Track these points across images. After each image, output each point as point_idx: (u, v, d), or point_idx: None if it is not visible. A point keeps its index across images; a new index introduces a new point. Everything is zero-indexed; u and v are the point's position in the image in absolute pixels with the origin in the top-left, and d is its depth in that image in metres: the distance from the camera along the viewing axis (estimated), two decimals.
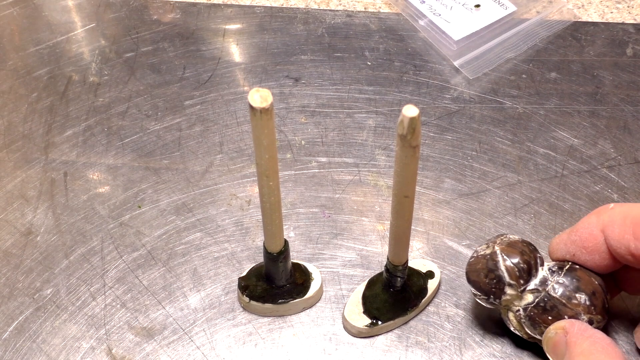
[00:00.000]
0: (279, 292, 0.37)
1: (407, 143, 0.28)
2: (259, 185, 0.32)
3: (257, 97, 0.28)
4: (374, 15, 0.55)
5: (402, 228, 0.33)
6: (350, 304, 0.38)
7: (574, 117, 0.48)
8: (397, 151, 0.29)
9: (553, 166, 0.45)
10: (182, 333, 0.38)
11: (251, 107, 0.28)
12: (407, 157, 0.29)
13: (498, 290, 0.34)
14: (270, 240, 0.35)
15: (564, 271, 0.34)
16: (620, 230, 0.31)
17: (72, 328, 0.38)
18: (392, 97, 0.49)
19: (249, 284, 0.38)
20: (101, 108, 0.49)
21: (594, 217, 0.33)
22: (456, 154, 0.46)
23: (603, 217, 0.32)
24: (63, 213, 0.43)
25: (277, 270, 0.36)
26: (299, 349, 0.37)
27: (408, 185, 0.31)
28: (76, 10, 0.56)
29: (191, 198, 0.43)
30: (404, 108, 0.27)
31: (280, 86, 0.50)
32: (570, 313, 0.33)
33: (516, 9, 0.54)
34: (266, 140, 0.29)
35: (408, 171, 0.30)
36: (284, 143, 0.46)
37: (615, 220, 0.31)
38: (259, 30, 0.54)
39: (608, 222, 0.31)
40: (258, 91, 0.28)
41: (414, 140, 0.28)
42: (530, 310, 0.34)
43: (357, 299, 0.38)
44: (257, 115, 0.28)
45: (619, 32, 0.53)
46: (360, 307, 0.38)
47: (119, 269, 0.40)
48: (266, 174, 0.31)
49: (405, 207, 0.32)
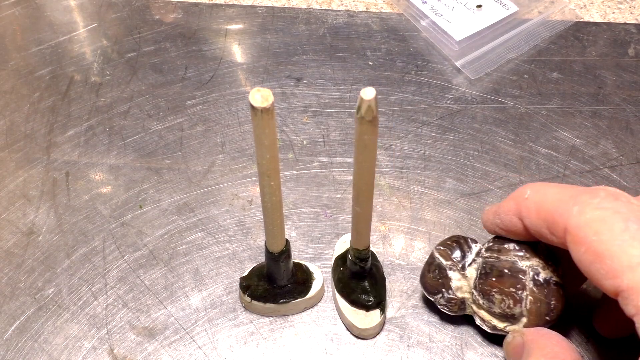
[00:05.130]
0: (281, 292, 0.37)
1: (366, 125, 0.29)
2: (260, 185, 0.32)
3: (258, 97, 0.28)
4: (375, 15, 0.55)
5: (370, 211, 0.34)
6: (352, 318, 0.37)
7: (575, 117, 0.47)
8: (356, 135, 0.29)
9: (555, 166, 0.45)
10: (184, 333, 0.38)
11: (252, 107, 0.28)
12: (366, 138, 0.29)
13: (445, 280, 0.35)
14: (272, 240, 0.35)
15: (493, 238, 0.35)
16: (536, 223, 0.31)
17: (73, 328, 0.38)
18: (393, 97, 0.49)
19: (250, 284, 0.38)
20: (103, 108, 0.49)
21: (512, 204, 0.33)
22: (458, 154, 0.46)
23: (520, 207, 0.32)
24: (65, 213, 0.43)
25: (279, 270, 0.36)
26: (300, 349, 0.37)
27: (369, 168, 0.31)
28: (78, 10, 0.56)
29: (193, 198, 0.43)
30: (362, 91, 0.27)
31: (282, 86, 0.50)
32: (507, 265, 0.33)
33: (518, 9, 0.54)
34: (267, 140, 0.29)
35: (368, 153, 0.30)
36: (285, 143, 0.46)
37: (531, 212, 0.31)
38: (260, 30, 0.54)
39: (525, 213, 0.32)
40: (259, 91, 0.28)
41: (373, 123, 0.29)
42: (478, 285, 0.34)
43: (351, 310, 0.37)
44: (258, 115, 0.28)
45: (620, 33, 0.53)
46: (359, 311, 0.37)
47: (121, 268, 0.40)
48: (267, 173, 0.31)
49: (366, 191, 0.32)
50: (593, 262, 0.28)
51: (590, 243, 0.28)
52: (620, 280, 0.27)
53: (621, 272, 0.27)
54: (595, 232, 0.28)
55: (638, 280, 0.26)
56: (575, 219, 0.28)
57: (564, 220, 0.29)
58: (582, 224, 0.28)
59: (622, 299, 0.27)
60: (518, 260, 0.33)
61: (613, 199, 0.28)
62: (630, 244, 0.27)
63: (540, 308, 0.33)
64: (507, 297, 0.33)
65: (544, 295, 0.33)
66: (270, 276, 0.37)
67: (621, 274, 0.27)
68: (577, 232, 0.28)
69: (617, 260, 0.27)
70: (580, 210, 0.28)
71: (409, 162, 0.45)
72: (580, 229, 0.28)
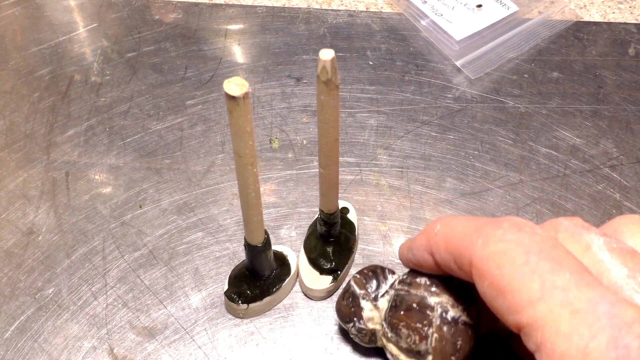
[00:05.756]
0: (269, 282, 0.38)
1: (326, 85, 0.29)
2: (242, 176, 0.31)
3: (234, 87, 0.27)
4: (375, 15, 0.55)
5: (336, 173, 0.34)
6: (304, 276, 0.39)
7: (576, 117, 0.47)
8: (318, 95, 0.30)
9: (555, 166, 0.45)
10: (184, 333, 0.38)
11: (232, 98, 0.27)
12: (327, 99, 0.30)
13: (357, 308, 0.34)
14: (256, 232, 0.34)
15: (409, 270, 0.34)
16: (445, 258, 0.30)
17: (73, 328, 0.38)
18: (394, 96, 0.49)
19: (239, 291, 0.37)
20: (103, 108, 0.49)
21: (423, 239, 0.32)
22: (458, 154, 0.46)
23: (430, 242, 0.31)
24: (65, 213, 0.43)
25: (263, 261, 0.36)
26: (300, 349, 0.37)
27: (332, 128, 0.32)
28: (78, 10, 0.56)
29: (193, 198, 0.43)
30: (321, 52, 0.28)
31: (282, 86, 0.50)
32: (416, 299, 0.32)
33: (518, 9, 0.54)
34: (249, 126, 0.29)
35: (330, 114, 0.31)
36: (285, 143, 0.46)
37: (440, 247, 0.30)
38: (260, 30, 0.54)
39: (434, 248, 0.31)
40: (230, 82, 0.27)
41: (332, 82, 0.29)
42: (387, 317, 0.33)
43: (307, 267, 0.39)
44: (240, 104, 0.27)
45: (621, 32, 0.53)
46: (314, 272, 0.38)
47: (121, 268, 0.40)
48: (251, 162, 0.30)
49: (332, 152, 0.33)
50: (496, 297, 0.27)
51: (493, 277, 0.27)
52: (521, 316, 0.26)
53: (521, 307, 0.26)
54: (497, 266, 0.27)
55: (537, 316, 0.25)
56: (479, 251, 0.27)
57: (469, 253, 0.28)
58: (485, 257, 0.27)
59: (524, 334, 0.26)
60: (428, 295, 0.32)
61: (516, 230, 0.27)
62: (530, 277, 0.26)
63: (446, 347, 0.32)
64: (414, 332, 0.32)
65: (450, 334, 0.31)
66: (254, 272, 0.37)
67: (521, 309, 0.26)
68: (481, 266, 0.27)
69: (518, 295, 0.26)
70: (483, 242, 0.28)
71: (409, 161, 0.45)
72: (483, 262, 0.27)
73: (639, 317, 0.24)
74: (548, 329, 0.25)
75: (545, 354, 0.25)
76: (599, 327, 0.24)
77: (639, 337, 0.23)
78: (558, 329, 0.24)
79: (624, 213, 0.42)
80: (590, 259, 0.27)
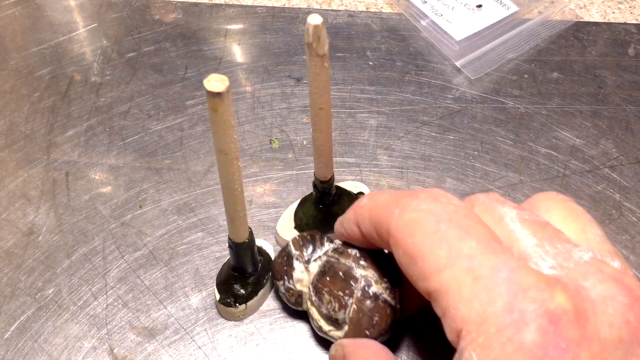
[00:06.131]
0: (259, 275, 0.38)
1: (314, 52, 0.30)
2: (227, 173, 0.31)
3: (216, 84, 0.27)
4: (375, 15, 0.55)
5: (322, 141, 0.35)
6: (282, 220, 0.40)
7: (576, 117, 0.47)
8: (307, 62, 0.31)
9: (555, 166, 0.45)
10: (184, 333, 0.38)
11: (217, 95, 0.27)
12: (316, 66, 0.31)
13: (289, 268, 0.35)
14: (241, 228, 0.34)
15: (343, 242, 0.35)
16: (368, 228, 0.31)
17: (73, 328, 0.38)
18: (394, 97, 0.49)
19: (234, 293, 0.37)
20: (103, 108, 0.49)
21: (351, 212, 0.33)
22: (458, 154, 0.46)
23: (356, 214, 0.32)
24: (65, 213, 0.43)
25: (249, 257, 0.36)
26: (300, 349, 0.37)
27: (321, 96, 0.32)
28: (78, 10, 0.56)
29: (193, 198, 0.43)
30: (309, 17, 0.29)
31: (282, 86, 0.50)
32: (343, 268, 0.33)
33: (518, 9, 0.54)
34: (232, 119, 0.29)
35: (319, 81, 0.31)
36: (285, 143, 0.46)
37: (365, 218, 0.31)
38: (260, 30, 0.54)
39: (360, 220, 0.32)
40: (210, 80, 0.27)
41: (320, 49, 0.30)
42: (314, 281, 0.34)
43: (290, 215, 0.40)
44: (225, 99, 0.27)
45: (621, 33, 0.53)
46: (292, 222, 0.39)
47: (121, 268, 0.40)
48: (235, 156, 0.30)
49: (321, 120, 0.33)
50: (409, 265, 0.27)
51: (406, 245, 0.27)
52: (429, 283, 0.26)
53: (430, 274, 0.26)
54: (410, 234, 0.27)
55: (443, 282, 0.26)
56: (395, 221, 0.28)
57: (387, 222, 0.29)
58: (400, 226, 0.28)
59: (433, 300, 0.27)
60: (355, 267, 0.33)
61: (432, 200, 0.28)
62: (438, 245, 0.26)
63: (362, 320, 0.32)
64: (335, 299, 0.33)
65: (369, 309, 0.32)
66: (242, 269, 0.37)
67: (430, 276, 0.26)
68: (396, 234, 0.28)
69: (427, 262, 0.26)
70: (399, 212, 0.28)
71: (409, 162, 0.45)
72: (398, 231, 0.28)
73: (535, 283, 0.24)
74: (452, 294, 0.25)
75: (449, 319, 0.26)
76: (497, 292, 0.24)
77: (534, 301, 0.24)
78: (460, 295, 0.25)
79: (624, 213, 0.42)
80: (502, 229, 0.28)
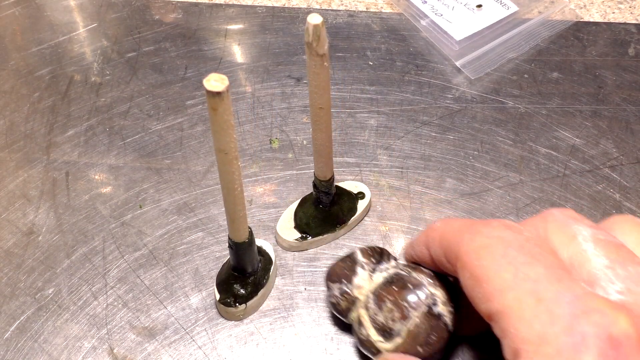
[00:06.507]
0: (257, 276, 0.38)
1: (314, 51, 0.30)
2: (227, 173, 0.31)
3: (216, 83, 0.27)
4: (375, 15, 0.55)
5: (322, 141, 0.35)
6: (282, 220, 0.40)
7: (576, 117, 0.47)
8: (307, 62, 0.31)
9: (555, 166, 0.45)
10: (184, 333, 0.38)
11: (217, 94, 0.27)
12: (316, 66, 0.31)
13: (351, 273, 0.35)
14: (242, 228, 0.34)
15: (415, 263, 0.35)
16: (437, 252, 0.32)
17: (73, 328, 0.38)
18: (393, 97, 0.49)
19: (234, 293, 0.37)
20: (103, 108, 0.49)
21: (423, 235, 0.33)
22: (458, 154, 0.46)
23: (428, 238, 0.33)
24: (65, 213, 0.43)
25: (249, 257, 0.36)
26: (300, 349, 0.37)
27: (321, 96, 0.32)
28: (78, 10, 0.56)
29: (193, 198, 0.43)
30: (309, 16, 0.29)
31: (282, 86, 0.50)
32: (414, 281, 0.33)
33: (518, 9, 0.54)
34: (232, 118, 0.29)
35: (319, 81, 0.31)
36: (285, 143, 0.46)
37: (435, 241, 0.32)
38: (260, 30, 0.54)
39: (430, 243, 0.32)
40: (209, 80, 0.27)
41: (320, 48, 0.30)
42: (377, 288, 0.34)
43: (290, 215, 0.40)
44: (225, 98, 0.27)
45: (621, 32, 0.53)
46: (292, 222, 0.40)
47: (121, 268, 0.40)
48: (235, 156, 0.30)
49: (321, 119, 0.34)
50: (474, 287, 0.28)
51: (473, 268, 0.28)
52: (492, 304, 0.27)
53: (493, 295, 0.27)
54: (478, 257, 0.28)
55: (506, 303, 0.26)
56: (465, 245, 0.29)
57: (457, 247, 0.29)
58: (469, 251, 0.28)
59: (493, 322, 0.27)
60: (427, 284, 0.33)
61: (504, 228, 0.28)
62: (505, 268, 0.27)
63: (420, 335, 0.32)
64: (398, 308, 0.33)
65: (430, 326, 0.32)
66: (242, 269, 0.37)
67: (493, 297, 0.27)
68: (465, 258, 0.29)
69: (491, 284, 0.27)
70: (470, 237, 0.29)
71: (409, 162, 0.45)
72: (467, 255, 0.28)
73: (599, 307, 0.24)
74: (514, 315, 0.26)
75: (509, 339, 0.26)
76: (559, 314, 0.25)
77: (597, 325, 0.24)
78: (522, 315, 0.25)
79: (624, 213, 0.42)
80: (574, 248, 0.28)
